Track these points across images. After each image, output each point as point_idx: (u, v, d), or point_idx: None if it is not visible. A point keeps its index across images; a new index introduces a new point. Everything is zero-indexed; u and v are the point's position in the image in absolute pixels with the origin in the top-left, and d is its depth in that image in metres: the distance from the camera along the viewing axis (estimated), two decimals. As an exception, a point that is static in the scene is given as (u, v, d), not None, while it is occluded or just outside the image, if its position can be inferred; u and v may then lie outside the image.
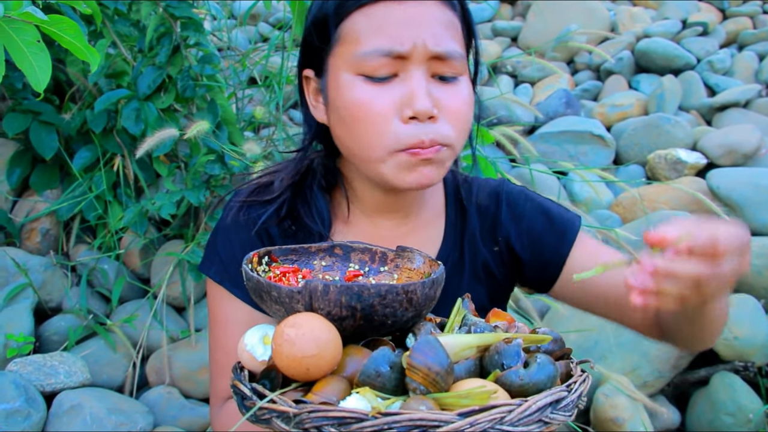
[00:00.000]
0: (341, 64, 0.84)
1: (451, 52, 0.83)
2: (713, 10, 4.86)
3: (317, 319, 0.64)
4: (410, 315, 0.68)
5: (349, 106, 0.84)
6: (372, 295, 0.64)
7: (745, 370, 2.00)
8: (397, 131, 0.82)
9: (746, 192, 2.44)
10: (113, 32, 2.06)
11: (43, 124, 2.03)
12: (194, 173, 2.00)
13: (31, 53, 0.85)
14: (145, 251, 2.12)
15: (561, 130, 3.27)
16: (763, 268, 2.20)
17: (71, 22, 0.85)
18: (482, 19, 5.19)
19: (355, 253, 0.82)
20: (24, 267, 1.93)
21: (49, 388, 1.70)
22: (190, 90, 2.02)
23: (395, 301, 0.65)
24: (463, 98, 0.86)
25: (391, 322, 0.67)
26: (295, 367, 0.62)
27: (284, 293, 0.66)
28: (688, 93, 3.88)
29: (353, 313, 0.65)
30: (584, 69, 4.50)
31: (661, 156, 3.08)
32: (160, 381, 1.92)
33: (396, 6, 0.81)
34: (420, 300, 0.67)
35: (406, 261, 0.80)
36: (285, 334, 0.62)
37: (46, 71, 0.88)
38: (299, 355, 0.61)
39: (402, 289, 0.65)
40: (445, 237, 0.99)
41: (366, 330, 0.68)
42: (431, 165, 0.84)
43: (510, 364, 0.62)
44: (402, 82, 0.82)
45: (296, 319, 0.63)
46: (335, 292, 0.64)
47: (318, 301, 0.65)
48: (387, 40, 0.81)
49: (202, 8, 2.64)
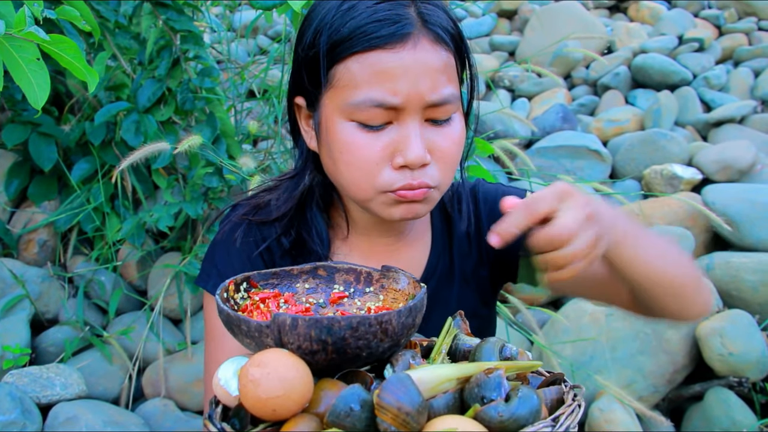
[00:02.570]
0: (335, 108, 0.83)
1: (446, 98, 0.82)
2: (709, 27, 4.90)
3: (285, 357, 0.61)
4: (387, 345, 0.64)
5: (340, 149, 0.83)
6: (343, 327, 0.61)
7: (739, 385, 2.01)
8: (386, 176, 0.82)
9: (741, 208, 2.45)
10: (113, 45, 2.07)
11: (42, 136, 2.04)
12: (192, 185, 2.01)
13: (30, 71, 0.86)
14: (142, 263, 2.13)
15: (558, 145, 3.29)
16: (758, 284, 2.21)
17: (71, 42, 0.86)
18: (480, 34, 5.22)
19: (339, 274, 0.80)
20: (21, 278, 1.93)
21: (45, 400, 1.70)
22: (189, 103, 2.03)
23: (368, 333, 0.62)
24: (454, 138, 0.86)
25: (366, 354, 0.64)
26: (261, 407, 0.59)
27: (253, 327, 0.63)
28: (684, 108, 3.90)
29: (324, 346, 0.62)
30: (581, 84, 4.52)
31: (657, 171, 3.10)
32: (156, 393, 1.92)
33: (390, 55, 0.79)
34: (396, 330, 0.64)
35: (391, 281, 0.78)
36: (250, 374, 0.59)
37: (44, 89, 0.88)
38: (264, 396, 0.59)
39: (375, 320, 0.62)
40: (433, 246, 1.00)
41: (340, 363, 0.64)
42: (418, 204, 0.85)
43: (491, 396, 0.58)
44: (396, 130, 0.82)
45: (262, 357, 0.61)
46: (304, 326, 0.61)
47: (287, 335, 0.62)
48: (381, 92, 0.79)
49: (201, 21, 2.66)
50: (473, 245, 1.02)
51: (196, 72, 2.09)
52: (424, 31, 0.81)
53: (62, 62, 0.89)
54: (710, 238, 2.65)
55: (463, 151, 0.91)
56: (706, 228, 2.64)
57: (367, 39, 0.79)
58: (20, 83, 0.88)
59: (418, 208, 0.85)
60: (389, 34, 0.79)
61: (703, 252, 2.59)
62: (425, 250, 1.00)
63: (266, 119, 2.51)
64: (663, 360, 2.06)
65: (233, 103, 2.48)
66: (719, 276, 2.28)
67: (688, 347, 2.07)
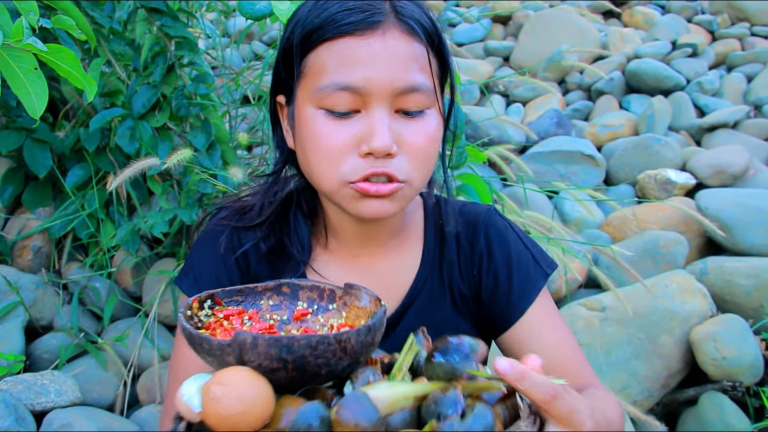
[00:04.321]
0: (305, 97, 0.84)
1: (416, 85, 0.81)
2: (702, 32, 4.93)
3: (246, 375, 0.62)
4: (346, 363, 0.65)
5: (309, 138, 0.84)
6: (302, 346, 0.62)
7: (733, 389, 2.01)
8: (351, 164, 0.82)
9: (734, 212, 2.47)
10: (108, 51, 2.08)
11: (37, 142, 2.04)
12: (187, 192, 2.01)
13: (28, 80, 0.87)
14: (137, 269, 2.13)
15: (552, 150, 3.30)
16: (751, 288, 2.22)
17: (69, 52, 0.86)
18: (474, 39, 5.24)
19: (303, 291, 0.80)
20: (15, 285, 1.93)
21: (39, 407, 1.70)
22: (184, 109, 2.03)
23: (327, 351, 0.63)
24: (427, 133, 0.84)
25: (326, 372, 0.65)
26: (222, 424, 0.60)
27: (215, 346, 0.64)
28: (677, 113, 3.92)
29: (284, 365, 0.63)
30: (575, 89, 4.55)
31: (650, 176, 3.11)
32: (151, 400, 1.92)
33: (359, 41, 0.80)
34: (356, 348, 0.65)
35: (353, 299, 0.78)
36: (212, 392, 0.61)
37: (42, 98, 0.89)
38: (224, 414, 0.60)
39: (334, 338, 0.63)
40: (423, 263, 0.97)
41: (300, 380, 0.65)
42: (386, 200, 0.83)
43: (447, 413, 0.59)
44: (363, 118, 0.81)
45: (223, 376, 0.62)
46: (264, 344, 0.62)
47: (248, 353, 0.63)
48: (345, 76, 0.80)
49: (196, 27, 2.67)
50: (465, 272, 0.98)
51: (190, 78, 2.09)
52: (396, 22, 0.81)
53: (60, 71, 0.90)
54: (704, 243, 2.67)
55: (449, 155, 0.92)
56: (699, 233, 2.66)
57: (336, 26, 0.80)
58: (18, 92, 0.88)
59: (386, 205, 0.83)
60: (358, 20, 0.79)
61: (697, 256, 2.60)
62: (413, 265, 0.97)
63: (261, 125, 2.51)
64: (657, 364, 2.07)
65: (228, 109, 2.48)
66: (713, 281, 2.29)
67: (682, 352, 2.08)
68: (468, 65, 4.51)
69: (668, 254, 2.44)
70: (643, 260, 2.43)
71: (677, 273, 2.24)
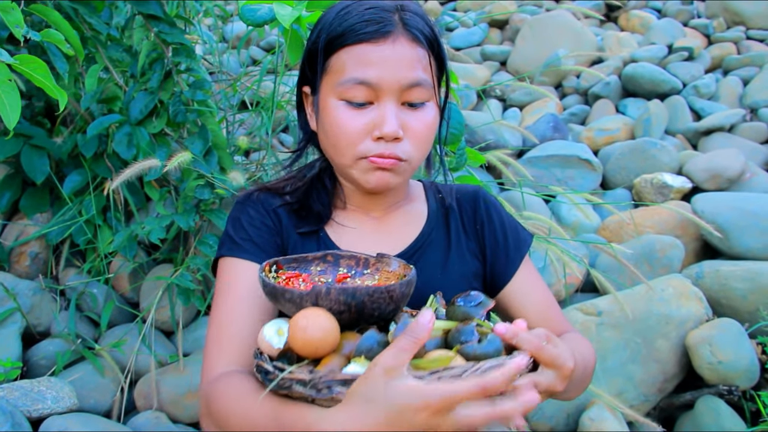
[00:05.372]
0: (329, 90, 1.02)
1: (419, 81, 0.99)
2: (698, 36, 4.94)
3: (322, 312, 0.82)
4: (391, 308, 0.86)
5: (332, 124, 1.01)
6: (362, 294, 0.82)
7: (729, 394, 2.02)
8: (365, 145, 1.00)
9: (730, 216, 2.47)
10: (105, 57, 2.08)
11: (34, 148, 2.04)
12: (184, 198, 2.01)
13: (2, 91, 0.87)
14: (134, 275, 2.13)
15: (549, 154, 3.31)
16: (747, 292, 2.23)
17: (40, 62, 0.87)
18: (471, 44, 5.25)
19: (343, 260, 1.00)
20: (12, 291, 1.93)
21: (36, 414, 1.70)
22: (181, 115, 2.04)
23: (380, 299, 0.84)
24: (426, 122, 1.02)
25: (377, 314, 0.85)
26: (307, 347, 0.80)
27: (296, 295, 0.84)
28: (674, 117, 3.93)
29: (349, 308, 0.83)
30: (572, 93, 4.55)
31: (647, 180, 3.12)
32: (148, 406, 1.92)
33: (373, 47, 0.98)
34: (398, 297, 0.86)
35: (384, 265, 0.99)
36: (299, 324, 0.80)
37: (15, 109, 0.90)
38: (309, 338, 0.80)
39: (385, 289, 0.84)
40: (428, 220, 1.15)
41: (358, 320, 0.85)
42: (389, 172, 1.01)
43: (467, 339, 0.80)
44: (376, 109, 0.99)
45: (306, 312, 0.82)
46: (335, 293, 0.82)
47: (322, 300, 0.82)
48: (362, 73, 0.98)
49: (193, 33, 2.67)
50: (470, 233, 1.16)
51: (188, 84, 2.10)
52: (404, 32, 0.99)
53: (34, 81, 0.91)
54: (700, 247, 2.67)
55: (439, 137, 1.13)
56: (695, 236, 2.66)
57: (356, 35, 0.98)
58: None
59: (388, 176, 1.02)
60: (373, 30, 0.98)
61: (693, 260, 2.61)
62: (420, 221, 1.15)
63: (258, 131, 2.52)
64: (653, 369, 2.08)
65: (225, 114, 2.49)
66: (708, 284, 2.30)
67: (678, 356, 2.08)
68: (465, 70, 4.52)
69: (664, 258, 2.45)
70: (639, 264, 2.44)
71: (673, 277, 2.24)
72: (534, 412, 2.10)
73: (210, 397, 0.95)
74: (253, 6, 1.52)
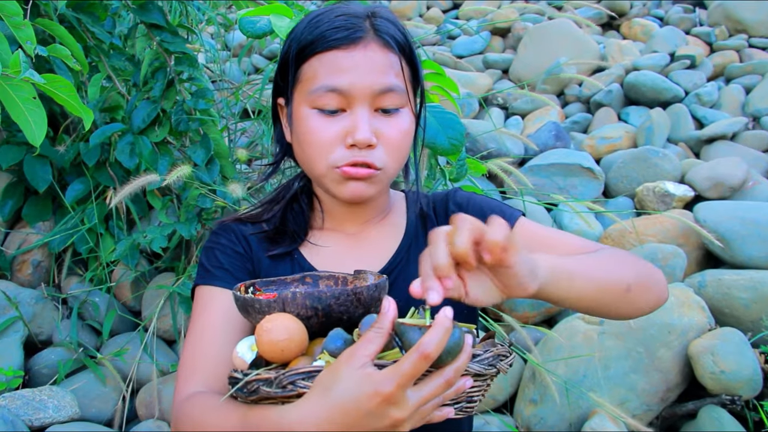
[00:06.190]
0: (301, 99, 1.00)
1: (391, 86, 0.97)
2: (701, 44, 4.95)
3: (287, 316, 0.83)
4: (360, 312, 0.85)
5: (304, 132, 1.00)
6: (328, 297, 0.83)
7: (732, 403, 2.01)
8: (338, 154, 0.98)
9: (732, 225, 2.47)
10: (108, 66, 2.09)
11: (37, 157, 2.05)
12: (186, 206, 2.02)
13: (27, 109, 0.88)
14: (136, 284, 2.13)
15: (550, 163, 3.31)
16: (749, 301, 2.22)
17: (66, 81, 0.88)
18: (473, 52, 5.26)
19: (322, 280, 1.00)
20: (15, 300, 1.93)
21: (38, 423, 1.70)
22: (183, 124, 2.04)
23: (347, 301, 0.84)
24: (401, 128, 1.00)
25: (347, 318, 0.85)
26: (273, 350, 0.80)
27: (264, 304, 0.84)
28: (676, 125, 3.93)
29: (316, 312, 0.83)
30: (574, 101, 4.55)
31: (649, 188, 3.12)
32: (149, 415, 1.92)
33: (344, 53, 0.96)
34: (366, 300, 0.85)
35: (361, 281, 0.98)
36: (264, 327, 0.81)
37: (41, 126, 0.91)
38: (274, 340, 0.80)
39: (351, 291, 0.84)
40: (406, 234, 1.12)
41: (327, 326, 0.84)
42: (364, 182, 0.99)
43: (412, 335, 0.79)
44: (348, 116, 0.97)
45: (271, 317, 0.82)
46: (301, 297, 0.83)
47: (289, 306, 0.83)
48: (333, 80, 0.96)
49: (195, 42, 2.68)
50: None
51: (190, 93, 2.11)
52: (375, 38, 0.98)
53: (58, 100, 0.91)
54: (702, 256, 2.67)
55: (415, 146, 1.09)
56: (698, 245, 2.66)
57: (326, 42, 0.97)
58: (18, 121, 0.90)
59: (363, 187, 1.00)
60: (343, 37, 0.96)
61: (696, 269, 2.60)
62: (398, 235, 1.12)
63: (260, 139, 2.52)
64: (655, 378, 2.07)
65: (227, 123, 2.50)
66: (711, 293, 2.29)
67: (680, 365, 2.08)
68: (467, 78, 4.53)
69: (666, 267, 2.44)
70: (641, 273, 2.43)
71: (676, 286, 2.24)
72: (535, 422, 2.10)
73: (179, 416, 0.94)
74: (252, 18, 1.52)
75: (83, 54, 1.44)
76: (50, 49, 0.94)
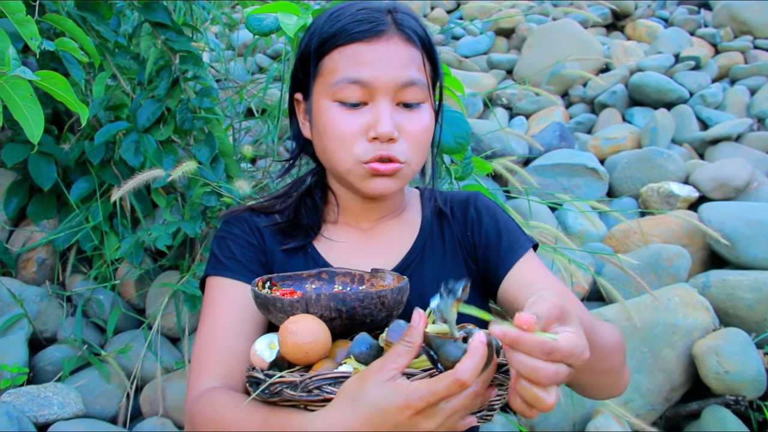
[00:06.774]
0: (321, 92, 0.99)
1: (413, 80, 0.97)
2: (705, 45, 4.94)
3: (312, 317, 0.82)
4: (384, 315, 0.85)
5: (326, 126, 0.99)
6: (353, 299, 0.82)
7: (736, 404, 2.01)
8: (361, 147, 0.97)
9: (737, 226, 2.46)
10: (113, 65, 2.09)
11: (42, 155, 2.05)
12: (191, 204, 2.02)
13: (25, 106, 0.88)
14: (140, 282, 2.13)
15: (555, 163, 3.31)
16: (754, 302, 2.22)
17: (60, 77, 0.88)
18: (478, 52, 5.26)
19: (338, 277, 0.98)
20: (19, 297, 1.94)
21: (43, 419, 1.70)
22: (188, 122, 2.05)
23: (371, 304, 0.83)
24: (422, 123, 1.00)
25: (370, 321, 0.84)
26: (297, 351, 0.79)
27: (287, 303, 0.83)
28: (680, 126, 3.93)
29: (340, 314, 0.83)
30: (578, 102, 4.55)
31: (653, 189, 3.11)
32: (153, 412, 1.92)
33: (365, 46, 0.96)
34: (390, 303, 0.85)
35: (379, 280, 0.96)
36: (288, 328, 0.80)
37: (39, 123, 0.91)
38: (299, 342, 0.79)
39: (376, 294, 0.83)
40: (421, 230, 1.11)
41: (351, 328, 0.84)
42: (389, 178, 0.99)
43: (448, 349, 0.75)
44: (370, 109, 0.97)
45: (296, 317, 0.81)
46: (325, 299, 0.82)
47: (312, 307, 0.82)
48: (356, 72, 0.96)
49: (200, 41, 2.69)
50: (464, 241, 1.11)
51: (195, 92, 2.11)
52: (397, 32, 0.98)
53: (55, 96, 0.91)
54: (707, 256, 2.66)
55: (433, 142, 1.07)
56: (702, 246, 2.65)
57: (348, 35, 0.96)
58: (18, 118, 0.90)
59: (388, 183, 0.99)
60: (366, 30, 0.96)
61: (700, 270, 2.60)
62: (413, 232, 1.11)
63: (265, 138, 2.53)
64: (660, 378, 2.07)
65: (232, 122, 2.50)
66: (715, 294, 2.29)
67: (684, 366, 2.08)
68: (471, 78, 4.53)
69: (671, 267, 2.44)
70: (645, 273, 2.43)
71: (680, 286, 2.24)
72: (539, 421, 2.10)
73: (194, 414, 0.92)
74: (259, 15, 1.52)
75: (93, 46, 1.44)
76: (58, 43, 0.94)
